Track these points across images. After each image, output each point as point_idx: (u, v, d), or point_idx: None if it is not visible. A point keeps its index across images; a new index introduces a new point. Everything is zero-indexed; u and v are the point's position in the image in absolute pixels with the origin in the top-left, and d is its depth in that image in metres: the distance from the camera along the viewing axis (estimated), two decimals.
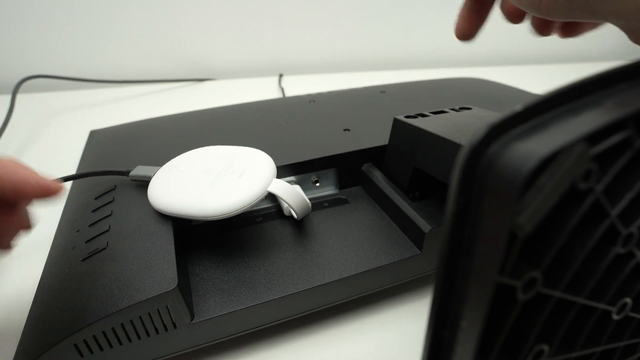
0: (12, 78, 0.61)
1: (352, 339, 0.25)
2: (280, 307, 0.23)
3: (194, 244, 0.27)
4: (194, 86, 0.76)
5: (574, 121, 0.11)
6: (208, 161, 0.26)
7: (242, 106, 0.43)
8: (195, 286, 0.23)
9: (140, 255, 0.22)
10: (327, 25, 0.81)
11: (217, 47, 0.79)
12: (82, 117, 0.61)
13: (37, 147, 0.51)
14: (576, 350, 0.14)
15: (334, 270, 0.24)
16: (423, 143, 0.26)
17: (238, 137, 0.35)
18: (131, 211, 0.26)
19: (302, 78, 0.78)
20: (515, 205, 0.10)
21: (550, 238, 0.11)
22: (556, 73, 0.77)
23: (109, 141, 0.37)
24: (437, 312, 0.12)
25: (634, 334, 0.16)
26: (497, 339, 0.12)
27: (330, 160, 0.31)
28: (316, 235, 0.27)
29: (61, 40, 0.72)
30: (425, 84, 0.50)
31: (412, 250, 0.26)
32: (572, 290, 0.13)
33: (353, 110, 0.40)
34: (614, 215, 0.12)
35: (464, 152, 0.11)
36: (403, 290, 0.28)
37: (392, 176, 0.30)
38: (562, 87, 0.11)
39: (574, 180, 0.10)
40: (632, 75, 0.13)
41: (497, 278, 0.11)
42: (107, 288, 0.20)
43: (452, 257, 0.12)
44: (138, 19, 0.73)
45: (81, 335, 0.19)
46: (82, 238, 0.24)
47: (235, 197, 0.23)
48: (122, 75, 0.74)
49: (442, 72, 0.63)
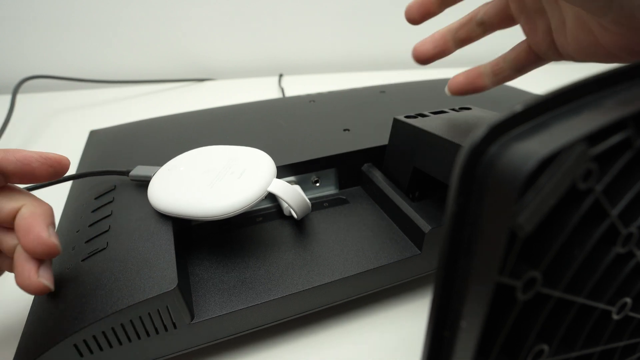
0: (12, 78, 0.61)
1: (352, 339, 0.25)
2: (280, 307, 0.23)
3: (194, 244, 0.27)
4: (194, 86, 0.76)
5: (574, 121, 0.11)
6: (208, 161, 0.26)
7: (242, 106, 0.43)
8: (195, 286, 0.23)
9: (140, 256, 0.22)
10: (327, 25, 0.81)
11: (217, 47, 0.79)
12: (82, 117, 0.61)
13: (37, 147, 0.51)
14: (576, 350, 0.14)
15: (334, 270, 0.24)
16: (423, 143, 0.26)
17: (238, 137, 0.35)
18: (131, 211, 0.26)
19: (302, 78, 0.78)
20: (515, 205, 0.10)
21: (550, 238, 0.11)
22: (556, 73, 0.77)
23: (109, 141, 0.37)
24: (437, 312, 0.12)
25: (634, 333, 0.16)
26: (497, 338, 0.12)
27: (330, 160, 0.31)
28: (316, 235, 0.27)
29: (61, 41, 0.72)
30: (425, 84, 0.50)
31: (412, 250, 0.26)
32: (572, 290, 0.13)
33: (353, 110, 0.40)
34: (614, 215, 0.12)
35: (464, 152, 0.11)
36: (403, 290, 0.28)
37: (392, 176, 0.30)
38: (562, 87, 0.11)
39: (574, 180, 0.11)
40: (632, 75, 0.13)
41: (497, 278, 0.11)
42: (107, 288, 0.20)
43: (452, 257, 0.12)
44: (138, 19, 0.73)
45: (81, 335, 0.19)
46: (82, 238, 0.24)
47: (235, 197, 0.23)
48: (122, 75, 0.74)
49: (442, 72, 0.63)
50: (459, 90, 0.29)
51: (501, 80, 0.28)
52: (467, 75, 0.29)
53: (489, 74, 0.28)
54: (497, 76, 0.28)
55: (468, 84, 0.29)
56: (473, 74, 0.29)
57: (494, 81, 0.28)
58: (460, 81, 0.29)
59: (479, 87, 0.29)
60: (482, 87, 0.29)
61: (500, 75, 0.28)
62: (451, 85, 0.29)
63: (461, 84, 0.29)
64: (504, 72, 0.28)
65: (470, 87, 0.29)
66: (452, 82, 0.29)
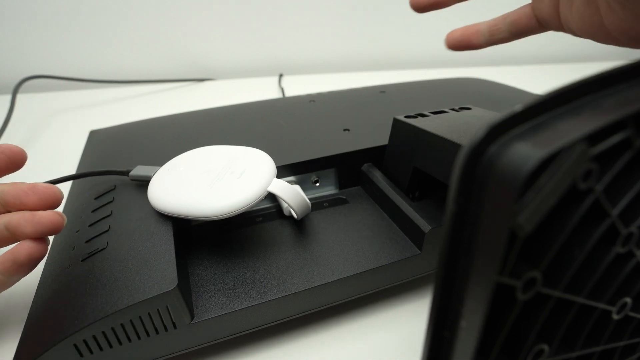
0: (12, 78, 0.61)
1: (352, 339, 0.25)
2: (280, 307, 0.23)
3: (194, 244, 0.27)
4: (194, 86, 0.76)
5: (574, 121, 0.11)
6: (208, 161, 0.26)
7: (242, 106, 0.43)
8: (195, 286, 0.23)
9: (140, 255, 0.22)
10: (327, 25, 0.81)
11: (217, 47, 0.79)
12: (82, 117, 0.61)
13: (37, 147, 0.51)
14: (576, 350, 0.14)
15: (334, 270, 0.24)
16: (423, 143, 0.26)
17: (238, 137, 0.35)
18: (131, 211, 0.26)
19: (302, 78, 0.78)
20: (515, 205, 0.10)
21: (550, 238, 0.11)
22: (556, 73, 0.77)
23: (109, 141, 0.37)
24: (437, 312, 0.12)
25: (634, 333, 0.16)
26: (497, 338, 0.12)
27: (330, 160, 0.31)
28: (316, 235, 0.27)
29: (61, 41, 0.72)
30: (425, 84, 0.50)
31: (412, 250, 0.26)
32: (572, 290, 0.13)
33: (353, 110, 0.40)
34: (614, 215, 0.12)
35: (464, 152, 0.11)
36: (403, 290, 0.28)
37: (392, 176, 0.30)
38: (562, 87, 0.11)
39: (574, 180, 0.11)
40: (632, 75, 0.13)
41: (497, 278, 0.11)
42: (107, 288, 0.20)
43: (452, 257, 0.12)
44: (138, 19, 0.73)
45: (81, 335, 0.19)
46: (82, 238, 0.24)
47: (235, 197, 0.23)
48: (122, 75, 0.74)
49: (442, 72, 0.63)
50: (454, 44, 0.29)
51: (496, 42, 0.29)
52: (465, 30, 0.29)
53: (485, 32, 0.29)
54: (493, 36, 0.28)
55: (464, 39, 0.29)
56: (470, 30, 0.29)
57: (489, 40, 0.29)
58: (456, 36, 0.29)
59: (474, 44, 0.29)
60: (478, 44, 0.29)
61: (496, 36, 0.28)
62: (448, 38, 0.30)
63: (457, 39, 0.29)
64: (501, 33, 0.28)
65: (465, 42, 0.29)
66: (449, 36, 0.30)
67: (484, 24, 0.29)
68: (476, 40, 0.29)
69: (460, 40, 0.29)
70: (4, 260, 0.20)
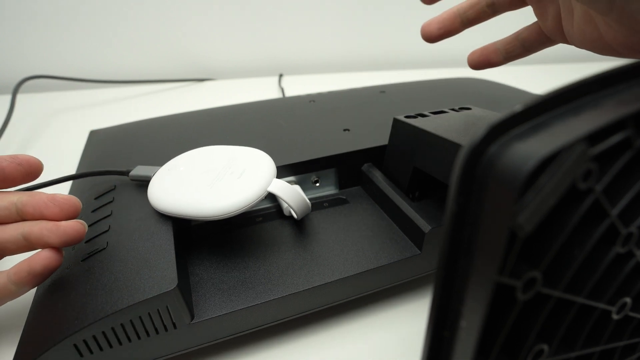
0: (12, 78, 0.61)
1: (352, 339, 0.25)
2: (280, 307, 0.23)
3: (194, 244, 0.27)
4: (194, 86, 0.76)
5: (574, 121, 0.11)
6: (208, 161, 0.26)
7: (242, 106, 0.43)
8: (195, 286, 0.23)
9: (140, 255, 0.22)
10: (327, 25, 0.81)
11: (217, 47, 0.79)
12: (82, 117, 0.61)
13: (37, 147, 0.51)
14: (576, 350, 0.14)
15: (334, 270, 0.24)
16: (423, 143, 0.26)
17: (238, 137, 0.35)
18: (131, 211, 0.26)
19: (302, 78, 0.78)
20: (515, 205, 0.10)
21: (550, 238, 0.11)
22: (556, 73, 0.77)
23: (109, 141, 0.37)
24: (437, 312, 0.12)
25: (634, 333, 0.16)
26: (497, 338, 0.12)
27: (330, 160, 0.31)
28: (316, 235, 0.27)
29: (61, 41, 0.72)
30: (425, 84, 0.50)
31: (412, 250, 0.26)
32: (572, 290, 0.13)
33: (353, 110, 0.40)
34: (614, 215, 0.12)
35: (463, 152, 0.11)
36: (403, 290, 0.28)
37: (392, 176, 0.30)
38: (562, 87, 0.11)
39: (574, 180, 0.11)
40: (632, 75, 0.13)
41: (497, 278, 0.11)
42: (107, 288, 0.20)
43: (452, 257, 0.12)
44: (138, 19, 0.73)
45: (81, 335, 0.19)
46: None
47: (235, 197, 0.23)
48: (122, 75, 0.74)
49: (442, 72, 0.63)
50: (475, 64, 0.32)
51: (512, 58, 0.30)
52: (483, 50, 0.31)
53: (502, 50, 0.30)
54: (509, 53, 0.30)
55: (482, 59, 0.31)
56: (489, 49, 0.31)
57: (506, 57, 0.30)
58: (475, 56, 0.31)
59: (493, 62, 0.31)
60: (497, 62, 0.31)
61: (512, 52, 0.30)
62: (469, 59, 0.32)
63: (476, 59, 0.31)
64: (516, 50, 0.30)
65: (484, 61, 0.31)
66: (469, 56, 0.32)
67: (499, 42, 0.31)
68: (495, 59, 0.31)
69: (479, 60, 0.31)
70: (18, 270, 0.20)
